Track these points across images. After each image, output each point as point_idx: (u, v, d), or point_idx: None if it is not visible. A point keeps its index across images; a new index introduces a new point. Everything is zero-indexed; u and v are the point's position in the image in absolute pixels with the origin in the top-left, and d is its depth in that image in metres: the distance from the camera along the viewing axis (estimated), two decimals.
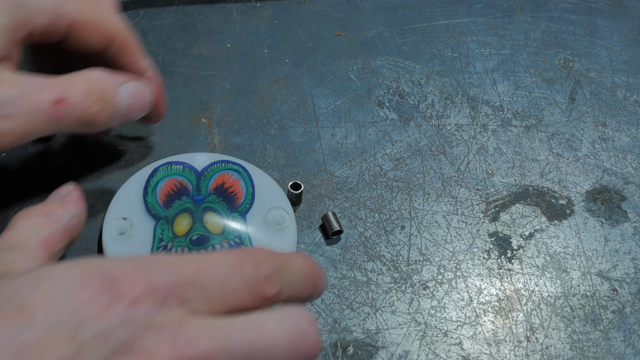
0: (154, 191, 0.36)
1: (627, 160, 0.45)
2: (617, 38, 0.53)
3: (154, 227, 0.34)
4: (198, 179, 0.36)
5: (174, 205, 0.35)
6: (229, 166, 0.37)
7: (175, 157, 0.38)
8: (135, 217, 0.35)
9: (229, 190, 0.36)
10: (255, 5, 0.53)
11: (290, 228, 0.36)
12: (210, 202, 0.35)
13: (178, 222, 0.35)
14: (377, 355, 0.35)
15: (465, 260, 0.39)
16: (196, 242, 0.34)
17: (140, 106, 0.33)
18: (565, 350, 0.36)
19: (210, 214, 0.35)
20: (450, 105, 0.47)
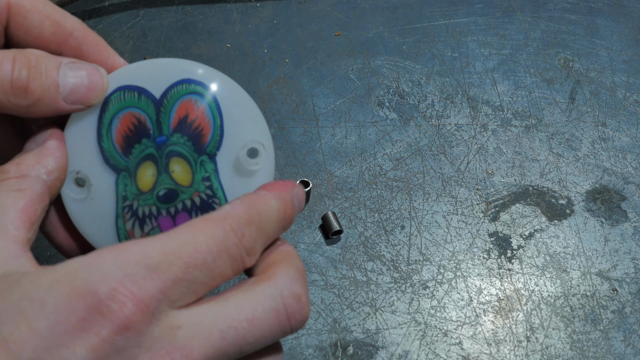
0: (109, 133, 0.31)
1: (627, 160, 0.45)
2: (617, 38, 0.53)
3: (115, 183, 0.31)
4: (157, 110, 0.31)
5: (135, 152, 0.31)
6: (192, 88, 0.31)
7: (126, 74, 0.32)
8: (93, 170, 0.31)
9: (194, 126, 0.31)
10: (255, 5, 0.53)
11: (266, 165, 0.31)
12: (174, 144, 0.31)
13: (141, 174, 0.31)
14: (377, 355, 0.35)
15: (465, 260, 0.39)
16: (164, 199, 0.30)
17: (92, 86, 0.30)
18: (565, 350, 0.36)
19: (176, 161, 0.31)
20: (450, 105, 0.47)
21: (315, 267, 0.38)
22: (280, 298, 0.23)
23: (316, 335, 0.36)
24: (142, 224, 0.30)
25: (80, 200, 0.31)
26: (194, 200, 0.30)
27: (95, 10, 0.51)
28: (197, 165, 0.31)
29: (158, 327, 0.21)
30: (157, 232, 0.29)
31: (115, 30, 0.50)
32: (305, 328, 0.36)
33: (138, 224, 0.30)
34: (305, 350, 0.35)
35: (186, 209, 0.30)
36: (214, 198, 0.30)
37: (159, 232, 0.28)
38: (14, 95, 0.28)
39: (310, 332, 0.36)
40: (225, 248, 0.23)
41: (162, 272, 0.21)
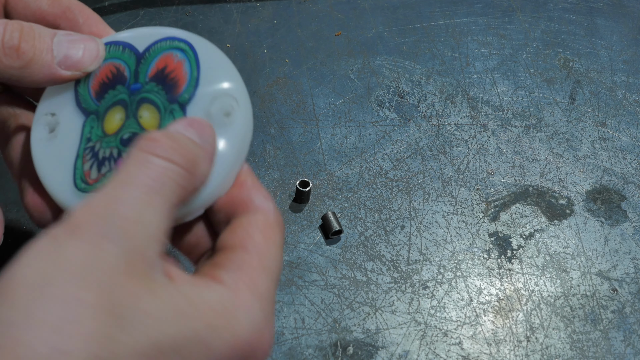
0: (87, 79, 0.31)
1: (627, 160, 0.45)
2: (617, 38, 0.53)
3: (82, 125, 0.31)
4: (137, 62, 0.31)
5: (107, 97, 0.31)
6: (175, 44, 0.31)
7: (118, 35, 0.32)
8: (64, 112, 0.31)
9: (171, 76, 0.30)
10: (255, 5, 0.53)
11: (238, 121, 0.30)
12: (148, 91, 0.30)
13: (109, 117, 0.30)
14: (377, 355, 0.35)
15: (465, 260, 0.39)
16: (127, 143, 0.30)
17: (88, 53, 0.30)
18: (565, 350, 0.36)
19: (146, 107, 0.30)
20: (450, 105, 0.47)
21: (315, 267, 0.39)
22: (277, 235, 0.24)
23: (316, 335, 0.36)
24: (100, 166, 0.29)
25: (46, 139, 0.31)
26: None
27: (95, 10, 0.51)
28: (167, 112, 0.30)
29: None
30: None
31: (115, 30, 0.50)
32: (306, 328, 0.36)
33: (96, 165, 0.29)
34: (305, 350, 0.35)
35: None
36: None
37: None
38: (6, 55, 0.28)
39: (310, 332, 0.36)
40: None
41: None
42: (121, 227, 0.19)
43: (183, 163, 0.22)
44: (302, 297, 0.37)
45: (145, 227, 0.20)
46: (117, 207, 0.20)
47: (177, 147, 0.22)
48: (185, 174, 0.22)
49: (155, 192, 0.20)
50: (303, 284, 0.38)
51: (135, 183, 0.20)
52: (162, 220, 0.20)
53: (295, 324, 0.36)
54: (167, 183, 0.21)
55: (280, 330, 0.36)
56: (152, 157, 0.21)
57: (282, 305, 0.37)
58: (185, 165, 0.22)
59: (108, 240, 0.19)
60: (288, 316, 0.37)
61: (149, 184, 0.20)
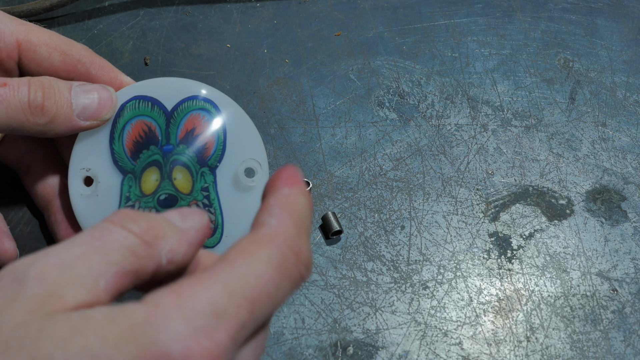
0: (121, 137, 0.33)
1: (627, 160, 0.45)
2: (617, 38, 0.53)
3: (121, 183, 0.32)
4: (167, 121, 0.33)
5: (142, 157, 0.32)
6: (201, 105, 0.33)
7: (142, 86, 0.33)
8: (101, 170, 0.32)
9: (200, 139, 0.32)
10: (255, 5, 0.53)
11: (262, 183, 0.32)
12: (180, 153, 0.32)
13: (146, 178, 0.32)
14: (377, 355, 0.35)
15: (465, 260, 0.39)
16: (164, 203, 0.32)
17: (103, 102, 0.32)
18: (565, 350, 0.36)
19: (179, 170, 0.32)
20: (450, 105, 0.47)
21: (315, 267, 0.39)
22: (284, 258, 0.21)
23: (316, 336, 0.36)
24: None
25: (87, 196, 0.33)
26: (191, 207, 0.32)
27: (95, 10, 0.51)
28: (198, 175, 0.32)
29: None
30: None
31: (115, 30, 0.50)
32: (306, 328, 0.36)
33: None
34: (305, 350, 0.35)
35: None
36: (210, 208, 0.32)
37: None
38: (32, 114, 0.30)
39: (310, 332, 0.36)
40: (285, 271, 0.21)
41: (231, 318, 0.19)
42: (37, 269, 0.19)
43: (140, 233, 0.21)
44: (302, 297, 0.37)
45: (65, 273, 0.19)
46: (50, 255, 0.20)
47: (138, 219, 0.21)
48: (139, 242, 0.21)
49: (94, 249, 0.20)
50: (303, 284, 0.38)
51: (78, 242, 0.20)
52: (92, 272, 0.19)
53: (295, 324, 0.36)
54: (115, 246, 0.20)
55: (280, 330, 0.36)
56: (110, 225, 0.21)
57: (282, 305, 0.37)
58: (141, 235, 0.21)
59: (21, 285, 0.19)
60: (288, 316, 0.37)
61: (91, 243, 0.20)
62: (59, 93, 0.31)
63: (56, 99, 0.30)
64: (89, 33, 0.49)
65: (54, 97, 0.30)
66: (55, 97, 0.30)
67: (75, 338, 0.17)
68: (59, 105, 0.30)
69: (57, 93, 0.30)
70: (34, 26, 0.33)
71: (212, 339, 0.19)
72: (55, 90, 0.30)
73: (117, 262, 0.20)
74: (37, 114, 0.30)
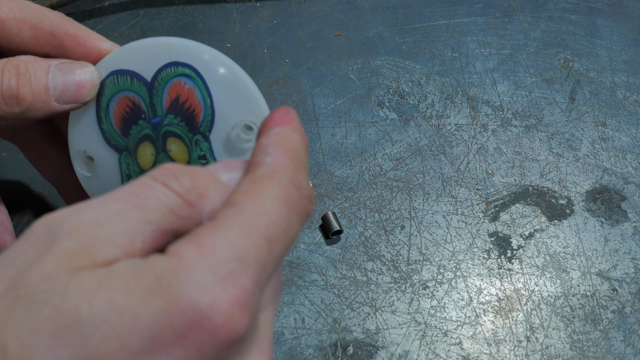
0: (108, 116, 0.32)
1: (627, 160, 0.45)
2: (617, 38, 0.53)
3: (118, 162, 0.32)
4: (150, 93, 0.31)
5: (132, 133, 0.31)
6: (180, 71, 0.31)
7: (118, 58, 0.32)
8: (96, 151, 0.32)
9: (186, 106, 0.31)
10: (255, 5, 0.53)
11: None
12: (169, 125, 0.31)
13: (141, 153, 0.32)
14: (377, 355, 0.35)
15: (465, 260, 0.39)
16: None
17: (82, 84, 0.30)
18: (565, 350, 0.36)
19: (172, 141, 0.31)
20: (450, 105, 0.47)
21: (315, 267, 0.39)
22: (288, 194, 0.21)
23: (316, 335, 0.36)
24: None
25: (90, 177, 0.32)
26: None
27: (95, 10, 0.51)
28: (193, 144, 0.31)
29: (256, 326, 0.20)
30: None
31: (115, 30, 0.50)
32: (306, 328, 0.36)
33: None
34: (305, 350, 0.35)
35: None
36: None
37: None
38: (6, 104, 0.28)
39: (310, 332, 0.36)
40: (292, 206, 0.21)
41: (253, 260, 0.19)
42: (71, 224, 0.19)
43: (182, 192, 0.20)
44: (302, 297, 0.37)
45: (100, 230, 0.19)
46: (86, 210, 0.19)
47: (182, 176, 0.21)
48: (181, 202, 0.20)
49: (133, 206, 0.19)
50: (303, 284, 0.38)
51: (117, 198, 0.20)
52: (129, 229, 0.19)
53: (295, 324, 0.36)
54: (155, 204, 0.20)
55: (280, 330, 0.36)
56: (151, 181, 0.20)
57: (282, 305, 0.37)
58: (183, 194, 0.20)
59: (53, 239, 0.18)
60: (288, 316, 0.37)
61: (130, 200, 0.20)
62: (35, 78, 0.29)
63: (32, 86, 0.28)
64: None
65: (29, 83, 0.28)
66: (31, 84, 0.28)
67: (101, 292, 0.17)
68: (35, 92, 0.28)
69: (33, 78, 0.28)
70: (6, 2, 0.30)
71: (237, 285, 0.18)
72: (32, 74, 0.29)
73: (156, 221, 0.19)
74: (12, 104, 0.28)
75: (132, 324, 0.17)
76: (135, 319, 0.17)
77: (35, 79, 0.29)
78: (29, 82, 0.28)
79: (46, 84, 0.29)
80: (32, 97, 0.28)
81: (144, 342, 0.17)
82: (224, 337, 0.18)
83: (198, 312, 0.17)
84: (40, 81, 0.29)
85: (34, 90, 0.29)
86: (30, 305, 0.17)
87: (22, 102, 0.28)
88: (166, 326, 0.17)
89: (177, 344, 0.17)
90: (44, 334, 0.16)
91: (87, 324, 0.17)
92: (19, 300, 0.17)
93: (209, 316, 0.18)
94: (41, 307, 0.17)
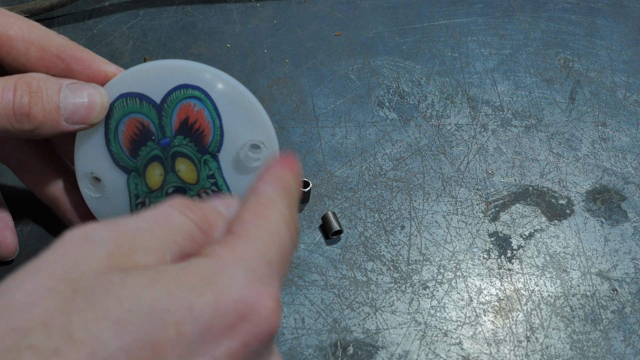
0: (117, 138, 0.32)
1: (627, 160, 0.45)
2: (617, 38, 0.53)
3: (127, 182, 0.32)
4: (159, 114, 0.32)
5: (141, 154, 0.32)
6: (189, 93, 0.31)
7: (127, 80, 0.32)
8: (104, 172, 0.32)
9: (195, 127, 0.31)
10: (255, 5, 0.53)
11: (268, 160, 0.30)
12: (178, 145, 0.32)
13: (150, 173, 0.32)
14: (377, 355, 0.35)
15: (465, 260, 0.39)
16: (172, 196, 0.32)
17: (92, 106, 0.30)
18: (565, 350, 0.36)
19: (181, 161, 0.32)
20: (450, 105, 0.47)
21: (315, 267, 0.39)
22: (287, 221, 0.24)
23: (316, 335, 0.36)
24: None
25: (97, 198, 0.33)
26: (201, 196, 0.32)
27: (95, 10, 0.51)
28: (201, 164, 0.32)
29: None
30: None
31: (115, 30, 0.50)
32: (306, 328, 0.36)
33: None
34: (305, 350, 0.35)
35: None
36: (219, 194, 0.32)
37: None
38: (17, 121, 0.29)
39: (310, 332, 0.36)
40: (288, 229, 0.23)
41: (276, 267, 0.22)
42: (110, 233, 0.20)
43: (197, 221, 0.23)
44: (302, 297, 0.37)
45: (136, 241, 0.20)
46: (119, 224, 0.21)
47: (194, 208, 0.23)
48: (197, 230, 0.22)
49: (161, 228, 0.21)
50: (303, 284, 0.38)
51: (144, 218, 0.22)
52: (161, 245, 0.21)
53: (295, 324, 0.36)
54: (178, 228, 0.22)
55: (281, 331, 0.36)
56: (170, 209, 0.23)
57: (282, 305, 0.37)
58: (198, 223, 0.23)
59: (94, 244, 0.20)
60: (288, 316, 0.37)
61: (157, 221, 0.22)
62: (47, 97, 0.29)
63: (43, 105, 0.29)
64: (89, 33, 0.49)
65: (41, 102, 0.29)
66: (43, 103, 0.29)
67: (158, 285, 0.19)
68: (46, 111, 0.29)
69: (44, 97, 0.29)
70: (14, 16, 0.31)
71: (271, 285, 0.21)
72: (44, 94, 0.29)
73: (180, 243, 0.21)
74: (23, 121, 0.29)
75: (189, 314, 0.18)
76: (191, 309, 0.18)
77: (48, 98, 0.29)
78: (41, 101, 0.29)
79: (57, 103, 0.29)
80: (44, 115, 0.29)
81: (199, 330, 0.18)
82: (267, 330, 0.20)
83: (246, 305, 0.19)
84: (52, 100, 0.29)
85: (45, 109, 0.29)
86: (91, 296, 0.18)
87: (33, 121, 0.29)
88: (218, 317, 0.19)
89: (227, 334, 0.19)
90: (109, 321, 0.17)
91: (148, 312, 0.18)
92: (78, 292, 0.18)
93: (256, 309, 0.20)
94: (102, 297, 0.18)
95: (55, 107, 0.29)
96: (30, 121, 0.29)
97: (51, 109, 0.29)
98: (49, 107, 0.29)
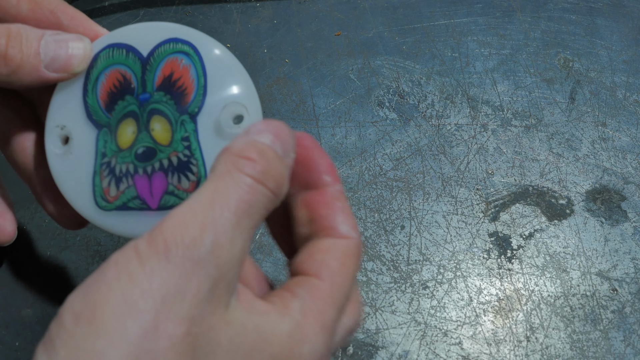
0: (95, 89, 0.30)
1: (627, 160, 0.45)
2: (617, 38, 0.53)
3: (96, 139, 0.30)
4: (143, 68, 0.30)
5: (117, 109, 0.30)
6: (179, 47, 0.30)
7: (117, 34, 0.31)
8: (75, 125, 0.31)
9: (178, 84, 0.30)
10: (255, 5, 0.53)
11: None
12: (157, 101, 0.30)
13: (122, 130, 0.30)
14: (377, 355, 0.35)
15: (465, 260, 0.39)
16: (142, 157, 0.30)
17: (75, 53, 0.29)
18: (565, 350, 0.36)
19: (157, 119, 0.30)
20: (450, 105, 0.47)
21: None
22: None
23: None
24: (118, 183, 0.29)
25: (61, 155, 0.31)
26: (172, 160, 0.29)
27: (95, 10, 0.51)
28: (178, 124, 0.30)
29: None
30: (132, 191, 0.28)
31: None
32: None
33: (115, 182, 0.29)
34: None
35: (163, 168, 0.29)
36: (191, 159, 0.30)
37: (134, 191, 0.28)
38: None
39: None
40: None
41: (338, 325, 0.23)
42: (213, 253, 0.19)
43: (273, 187, 0.21)
44: None
45: (233, 253, 0.19)
46: (209, 230, 0.19)
47: (270, 169, 0.22)
48: (273, 197, 0.21)
49: (245, 214, 0.20)
50: None
51: (226, 204, 0.20)
52: (246, 243, 0.20)
53: None
54: (256, 206, 0.21)
55: None
56: (245, 177, 0.21)
57: None
58: (274, 189, 0.21)
59: (200, 267, 0.18)
60: None
61: (240, 206, 0.20)
62: (27, 42, 0.28)
63: (22, 48, 0.28)
64: None
65: (19, 45, 0.28)
66: (21, 46, 0.28)
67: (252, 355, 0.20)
68: (24, 54, 0.28)
69: (24, 42, 0.28)
70: None
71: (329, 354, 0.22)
72: (23, 38, 0.28)
73: (257, 223, 0.21)
74: (3, 66, 0.28)
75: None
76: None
77: (27, 43, 0.28)
78: (19, 44, 0.28)
79: (37, 48, 0.29)
80: (21, 59, 0.28)
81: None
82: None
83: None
84: (32, 45, 0.28)
85: (23, 52, 0.28)
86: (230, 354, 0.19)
87: (10, 63, 0.28)
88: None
89: None
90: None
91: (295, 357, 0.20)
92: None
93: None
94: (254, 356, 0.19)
95: (34, 52, 0.29)
96: (7, 63, 0.28)
97: (29, 53, 0.28)
98: (27, 51, 0.28)
